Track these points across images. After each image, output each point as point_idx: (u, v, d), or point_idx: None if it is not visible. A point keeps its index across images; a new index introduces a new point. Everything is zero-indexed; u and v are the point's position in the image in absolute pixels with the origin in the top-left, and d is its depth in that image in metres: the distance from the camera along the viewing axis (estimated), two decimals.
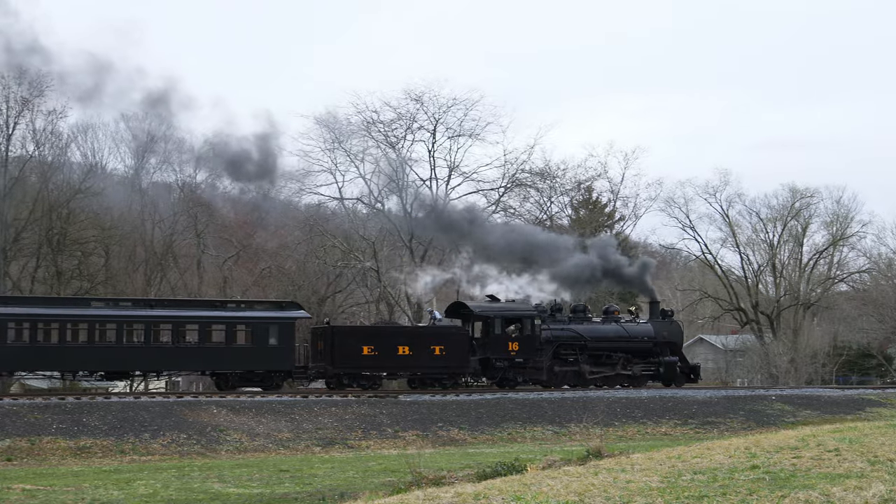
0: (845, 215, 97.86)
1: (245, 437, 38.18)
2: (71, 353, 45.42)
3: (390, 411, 42.97)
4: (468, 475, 23.43)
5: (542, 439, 41.14)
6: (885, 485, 13.59)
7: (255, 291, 68.79)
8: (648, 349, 55.68)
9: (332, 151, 69.93)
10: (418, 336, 51.37)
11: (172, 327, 47.21)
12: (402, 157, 70.97)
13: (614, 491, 13.30)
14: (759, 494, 12.95)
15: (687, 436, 42.16)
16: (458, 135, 72.08)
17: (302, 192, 71.34)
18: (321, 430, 39.82)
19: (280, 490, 24.99)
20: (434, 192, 72.12)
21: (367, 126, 70.19)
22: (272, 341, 47.71)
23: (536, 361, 52.57)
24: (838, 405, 51.50)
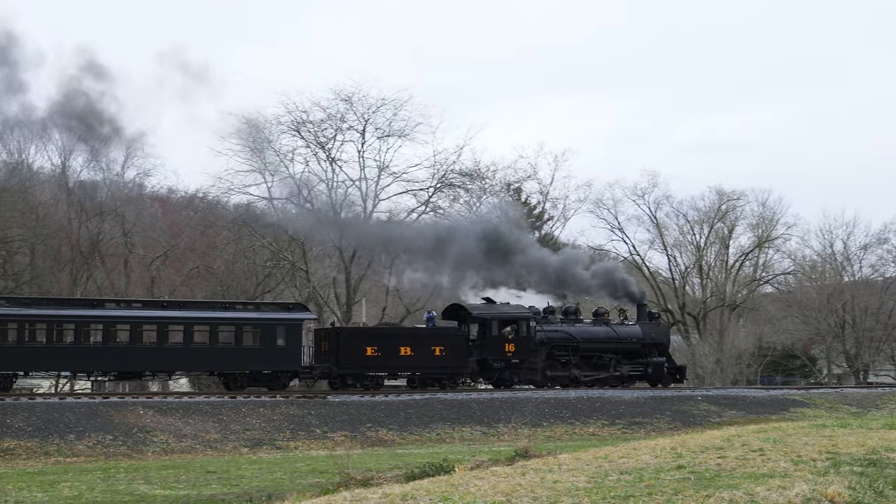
0: (771, 218, 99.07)
1: (172, 439, 37.88)
2: (85, 353, 46.10)
3: (319, 412, 42.85)
4: (396, 476, 23.42)
5: (470, 440, 41.23)
6: (808, 484, 13.76)
7: (184, 291, 68.24)
8: (637, 350, 57.66)
9: (262, 151, 69.50)
10: (419, 337, 52.37)
11: (184, 328, 47.82)
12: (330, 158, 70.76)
13: (541, 491, 13.35)
14: (685, 494, 13.06)
15: (614, 436, 42.42)
16: (387, 135, 71.95)
17: (231, 191, 70.84)
18: (249, 431, 39.62)
19: (207, 491, 24.84)
20: (363, 192, 71.98)
21: (296, 126, 69.88)
22: (280, 342, 48.65)
23: (531, 362, 54.20)
24: (763, 405, 52.09)
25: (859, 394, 58.70)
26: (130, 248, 70.08)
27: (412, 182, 73.66)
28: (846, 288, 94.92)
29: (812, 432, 20.53)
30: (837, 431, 20.65)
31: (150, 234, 71.90)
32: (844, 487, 13.82)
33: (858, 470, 15.36)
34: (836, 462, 15.95)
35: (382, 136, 71.99)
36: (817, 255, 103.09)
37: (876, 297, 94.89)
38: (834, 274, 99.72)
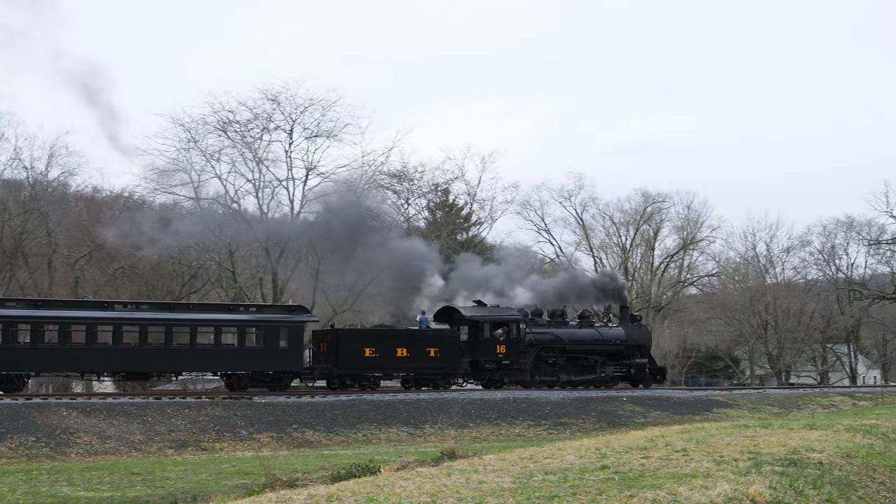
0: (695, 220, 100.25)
1: (96, 440, 37.46)
2: (94, 354, 46.74)
3: (245, 413, 42.60)
4: (322, 477, 23.37)
5: (397, 441, 41.19)
6: (729, 484, 13.91)
7: (108, 291, 67.66)
8: (621, 352, 59.67)
9: (188, 151, 69.03)
10: (416, 339, 53.58)
11: (190, 330, 48.66)
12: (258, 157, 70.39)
13: (466, 492, 13.39)
14: (609, 494, 13.15)
15: (540, 436, 42.57)
16: (315, 135, 71.78)
17: (157, 191, 70.28)
18: (174, 432, 39.29)
19: (131, 493, 24.63)
20: (290, 192, 71.73)
21: (223, 126, 69.46)
22: (283, 343, 49.72)
23: (521, 363, 55.87)
24: (687, 406, 52.51)
25: (781, 395, 59.39)
26: (54, 247, 69.31)
27: (339, 183, 73.51)
28: (769, 290, 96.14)
29: (734, 433, 20.76)
30: (759, 432, 20.90)
31: (74, 233, 71.17)
32: (765, 487, 13.99)
33: (779, 470, 15.56)
34: (757, 462, 16.14)
35: (310, 136, 71.87)
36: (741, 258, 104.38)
37: (798, 298, 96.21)
38: (757, 276, 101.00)
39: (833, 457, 17.43)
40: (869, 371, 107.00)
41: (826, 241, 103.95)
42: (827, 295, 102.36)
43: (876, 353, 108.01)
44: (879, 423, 23.33)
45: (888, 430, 22.15)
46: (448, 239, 78.87)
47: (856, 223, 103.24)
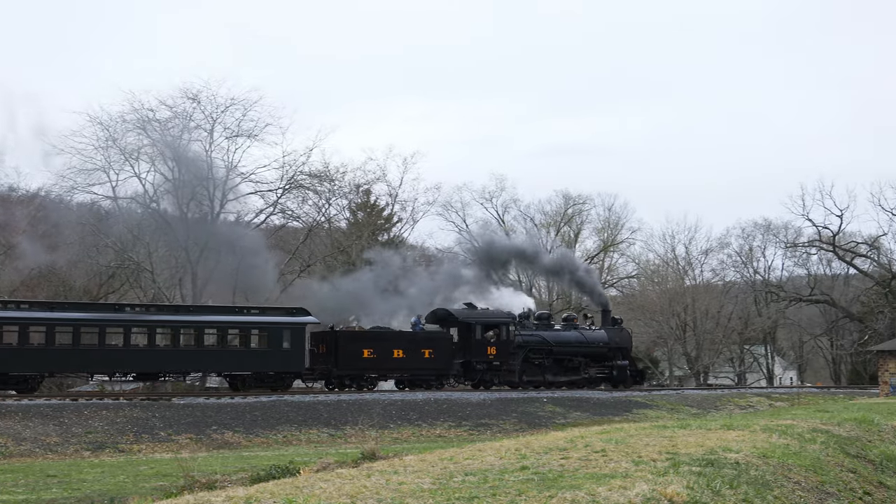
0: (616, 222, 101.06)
1: (10, 442, 36.85)
2: (106, 355, 48.27)
3: (163, 414, 42.19)
4: (242, 479, 23.20)
5: (317, 442, 41.02)
6: (648, 484, 13.98)
7: (24, 292, 66.64)
8: (603, 354, 62.25)
9: (106, 149, 68.22)
10: (411, 340, 55.18)
11: (197, 332, 50.35)
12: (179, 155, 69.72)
13: (386, 493, 13.34)
14: (528, 495, 13.15)
15: (461, 437, 42.61)
16: (236, 135, 71.30)
17: (74, 190, 69.38)
18: (91, 434, 38.79)
19: (47, 496, 24.26)
20: (210, 192, 71.14)
21: (142, 124, 68.73)
22: (286, 345, 51.26)
23: (510, 364, 57.98)
24: (607, 407, 52.83)
25: (699, 395, 60.02)
26: None
27: (261, 183, 73.19)
28: (688, 291, 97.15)
29: (653, 433, 20.89)
30: (677, 432, 21.04)
31: None
32: (683, 487, 14.07)
33: (697, 470, 15.66)
34: (675, 462, 16.24)
35: (231, 136, 71.34)
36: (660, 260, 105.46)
37: (716, 300, 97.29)
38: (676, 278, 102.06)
39: (750, 457, 17.59)
40: (785, 372, 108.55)
41: (744, 243, 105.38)
42: (744, 297, 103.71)
43: (792, 354, 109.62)
44: (795, 424, 23.61)
45: (804, 431, 22.42)
46: (369, 239, 78.70)
47: (773, 226, 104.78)
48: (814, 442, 21.16)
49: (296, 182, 74.74)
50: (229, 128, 71.14)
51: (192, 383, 51.74)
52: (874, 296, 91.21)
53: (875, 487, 19.46)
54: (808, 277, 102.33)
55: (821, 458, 19.65)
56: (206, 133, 70.76)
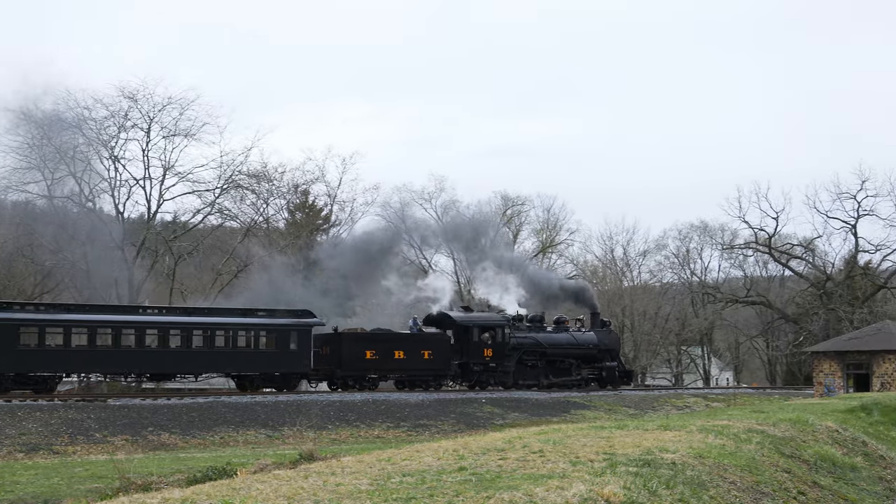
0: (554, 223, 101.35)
1: None
2: (121, 356, 49.59)
3: (99, 416, 41.77)
4: (178, 480, 23.06)
5: (255, 443, 40.80)
6: (585, 484, 14.01)
7: None
8: (594, 355, 64.15)
9: (41, 148, 67.47)
10: (411, 342, 57.02)
11: (208, 334, 51.81)
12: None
13: (324, 494, 13.29)
14: (466, 496, 13.14)
15: (399, 438, 42.56)
16: (173, 134, 70.84)
17: (8, 189, 68.61)
18: (25, 436, 38.31)
19: None
20: (147, 191, 70.66)
21: (78, 123, 68.07)
22: (292, 346, 53.13)
23: (505, 366, 59.94)
24: (545, 408, 52.96)
25: (637, 396, 60.34)
26: None
27: (198, 183, 72.73)
28: (625, 293, 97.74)
29: (591, 434, 20.93)
30: (615, 433, 21.10)
31: None
32: (620, 487, 14.12)
33: (634, 470, 15.72)
34: (612, 463, 16.29)
35: (168, 135, 70.87)
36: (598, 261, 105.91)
37: (654, 301, 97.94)
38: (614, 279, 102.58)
39: (686, 457, 17.68)
40: (722, 373, 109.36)
41: (681, 245, 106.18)
42: (682, 298, 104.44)
43: (729, 355, 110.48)
44: (731, 424, 23.75)
45: (739, 431, 22.56)
46: (308, 239, 78.44)
47: (709, 228, 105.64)
48: (749, 442, 21.31)
49: (234, 182, 74.36)
50: (166, 127, 70.68)
51: (129, 384, 51.10)
52: (809, 297, 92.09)
53: (809, 487, 19.63)
54: (745, 279, 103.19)
55: (756, 459, 19.79)
56: (143, 132, 70.22)
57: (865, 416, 33.43)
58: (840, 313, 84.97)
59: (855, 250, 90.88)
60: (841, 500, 19.96)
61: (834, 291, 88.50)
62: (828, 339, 73.03)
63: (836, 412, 32.30)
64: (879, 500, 21.58)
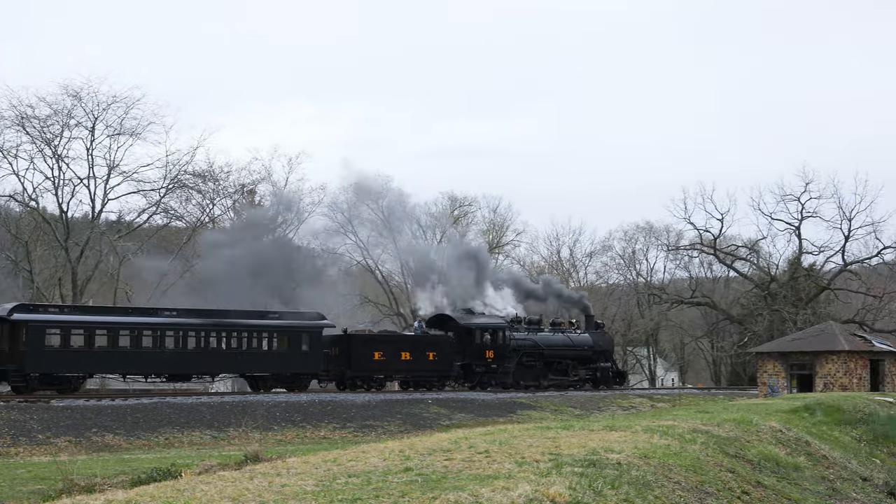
0: (501, 224, 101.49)
1: None
2: (142, 357, 51.00)
3: (41, 417, 41.33)
4: (122, 482, 22.88)
5: (200, 444, 40.55)
6: (530, 485, 14.03)
7: None
8: (589, 356, 66.58)
9: None
10: (417, 343, 59.06)
11: (226, 335, 53.50)
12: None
13: (269, 495, 13.24)
14: (411, 497, 13.13)
15: (345, 439, 42.47)
16: (118, 133, 70.29)
17: None
18: None
19: None
20: (92, 191, 70.08)
21: (20, 121, 67.39)
22: (304, 347, 54.84)
23: (506, 367, 62.06)
24: (491, 408, 52.99)
25: (583, 396, 60.50)
26: None
27: (143, 182, 72.23)
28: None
29: (537, 434, 20.96)
30: (561, 433, 21.14)
31: None
32: (565, 488, 14.14)
33: (579, 470, 15.75)
34: (558, 463, 16.31)
35: (113, 134, 70.32)
36: (545, 262, 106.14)
37: (600, 302, 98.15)
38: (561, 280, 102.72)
39: (631, 457, 17.75)
40: (667, 373, 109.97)
41: (627, 246, 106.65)
42: (627, 299, 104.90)
43: (674, 355, 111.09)
44: (676, 424, 23.87)
45: (684, 431, 22.68)
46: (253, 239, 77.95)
47: (655, 229, 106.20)
48: (694, 442, 21.43)
49: (179, 181, 73.89)
50: (111, 126, 70.12)
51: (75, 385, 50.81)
52: (753, 298, 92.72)
53: (753, 487, 19.76)
54: (690, 280, 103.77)
55: (700, 459, 19.91)
56: (87, 131, 69.63)
57: (808, 417, 33.71)
58: (784, 314, 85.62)
59: (799, 252, 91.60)
60: (784, 499, 20.11)
61: (778, 293, 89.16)
62: (772, 339, 73.57)
63: (780, 412, 32.55)
64: (822, 499, 21.76)
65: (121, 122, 70.05)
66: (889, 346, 61.99)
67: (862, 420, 36.02)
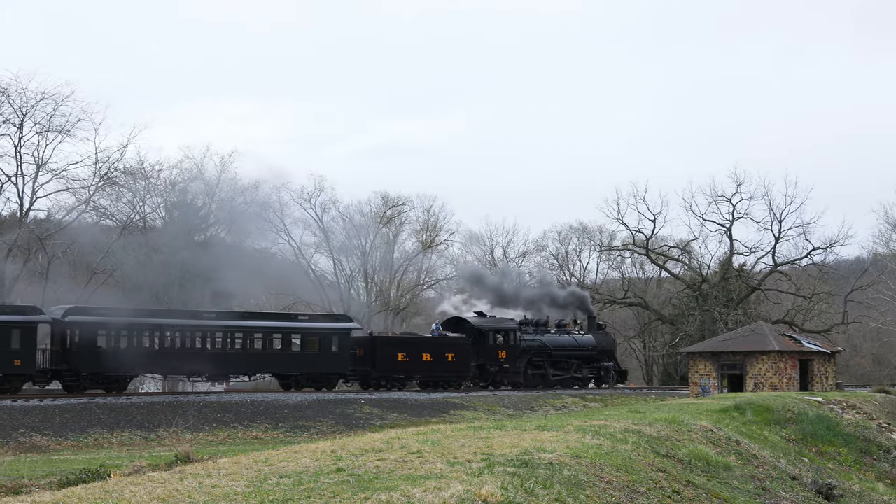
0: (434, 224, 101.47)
1: None
2: (187, 357, 53.29)
3: None
4: (50, 483, 22.63)
5: (130, 445, 40.18)
6: (462, 485, 14.02)
7: None
8: (593, 356, 70.15)
9: None
10: (437, 345, 62.11)
11: (263, 336, 56.18)
12: None
13: (199, 496, 13.14)
14: (343, 497, 13.08)
15: (277, 439, 42.28)
16: (46, 130, 69.39)
17: None
18: None
19: None
20: (20, 189, 69.19)
21: None
22: (334, 349, 57.50)
23: (517, 367, 65.70)
24: (424, 408, 52.96)
25: (516, 396, 60.57)
26: None
27: (73, 180, 71.38)
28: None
29: (469, 434, 20.97)
30: (493, 433, 21.16)
31: None
32: (497, 487, 14.15)
33: (511, 470, 15.78)
34: (490, 463, 16.33)
35: (42, 131, 69.41)
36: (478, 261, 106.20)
37: None
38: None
39: (563, 457, 17.80)
40: None
41: (560, 246, 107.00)
42: None
43: None
44: (608, 424, 23.98)
45: (616, 431, 22.79)
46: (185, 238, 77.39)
47: (588, 229, 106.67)
48: (625, 442, 21.53)
49: (110, 179, 73.11)
50: (40, 123, 69.22)
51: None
52: (685, 299, 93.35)
53: (684, 486, 19.89)
54: (622, 280, 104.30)
55: (632, 458, 20.01)
56: (15, 128, 68.71)
57: (739, 416, 34.01)
58: (715, 315, 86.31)
59: (730, 253, 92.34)
60: (714, 498, 20.25)
61: (709, 293, 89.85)
62: (703, 340, 74.15)
63: (711, 412, 32.81)
64: (751, 498, 21.95)
65: (49, 119, 69.14)
66: (818, 347, 62.66)
67: (791, 419, 36.41)
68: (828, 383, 61.00)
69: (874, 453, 36.33)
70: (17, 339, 48.11)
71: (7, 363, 47.87)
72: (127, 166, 74.07)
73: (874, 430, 39.59)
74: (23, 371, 48.58)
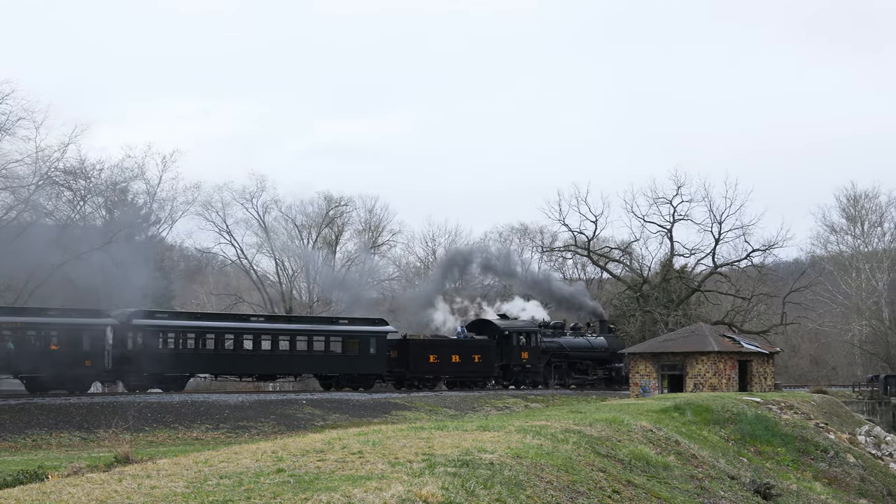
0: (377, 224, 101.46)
1: None
2: (240, 358, 56.95)
3: None
4: None
5: (69, 446, 39.79)
6: (403, 485, 14.05)
7: None
8: (605, 358, 73.90)
9: None
10: (465, 347, 65.71)
11: (307, 339, 59.29)
12: None
13: (138, 497, 13.07)
14: (284, 498, 13.07)
15: (218, 440, 42.08)
16: None
17: None
18: None
19: None
20: None
21: None
22: (372, 350, 60.93)
23: (538, 367, 69.36)
24: (366, 409, 52.90)
25: (457, 397, 60.66)
26: None
27: (11, 179, 70.55)
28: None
29: (410, 435, 20.99)
30: (434, 434, 21.20)
31: None
32: (438, 488, 14.19)
33: (452, 470, 15.82)
34: (431, 463, 16.37)
35: None
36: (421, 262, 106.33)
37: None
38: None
39: (504, 457, 17.86)
40: None
41: (502, 247, 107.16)
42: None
43: None
44: (549, 424, 24.09)
45: (557, 431, 22.89)
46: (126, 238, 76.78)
47: (529, 230, 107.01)
48: (566, 442, 21.63)
49: (50, 178, 72.38)
50: None
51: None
52: (626, 300, 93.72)
53: (624, 486, 20.01)
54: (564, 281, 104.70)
55: (572, 458, 20.11)
56: None
57: (679, 416, 34.28)
58: (655, 315, 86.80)
59: (670, 254, 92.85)
60: (654, 498, 20.40)
61: (650, 294, 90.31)
62: (644, 340, 74.64)
63: (651, 412, 33.04)
64: (691, 497, 22.12)
65: None
66: (757, 347, 63.30)
67: (730, 419, 36.75)
68: (766, 384, 61.60)
69: (812, 453, 36.76)
70: (87, 341, 51.37)
71: (79, 364, 50.71)
72: (67, 166, 73.40)
73: (812, 430, 40.03)
74: (92, 371, 51.95)
